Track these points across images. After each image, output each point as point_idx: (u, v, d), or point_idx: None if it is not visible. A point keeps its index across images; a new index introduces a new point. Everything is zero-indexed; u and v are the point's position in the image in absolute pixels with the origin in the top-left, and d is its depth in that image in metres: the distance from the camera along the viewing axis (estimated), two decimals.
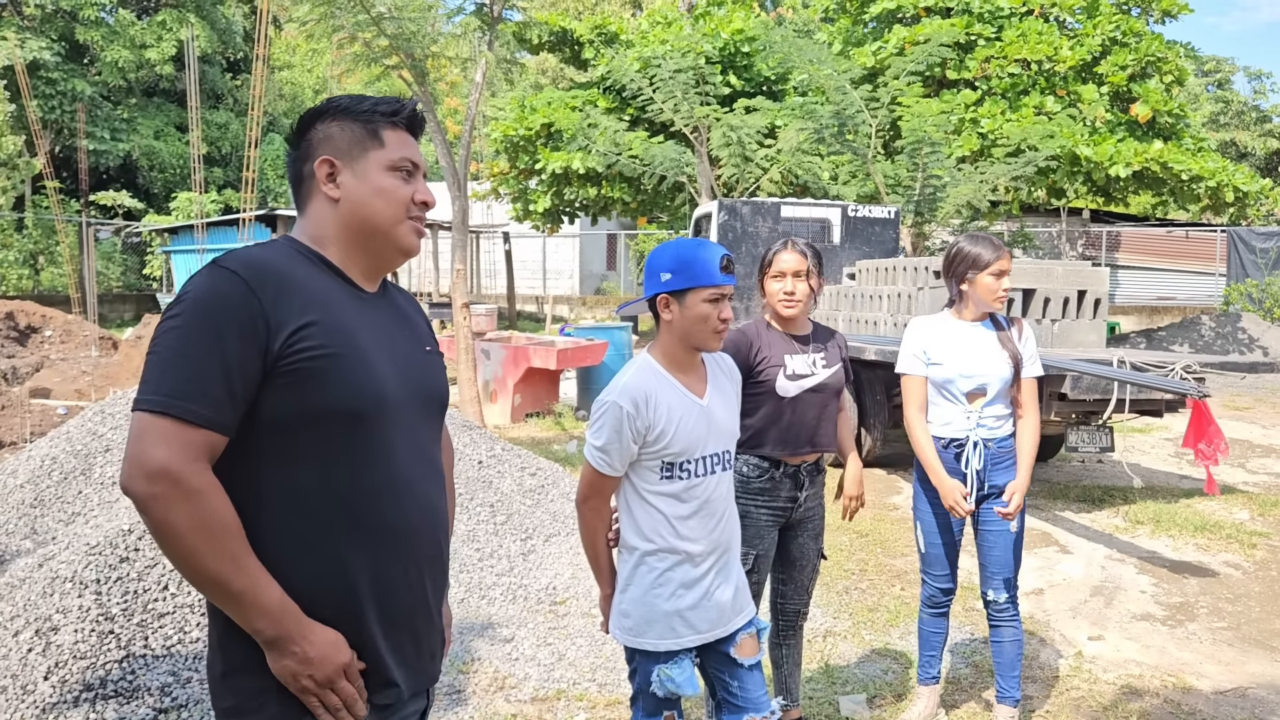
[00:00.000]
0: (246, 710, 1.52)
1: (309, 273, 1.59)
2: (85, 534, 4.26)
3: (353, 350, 1.55)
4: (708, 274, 2.32)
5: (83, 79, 27.83)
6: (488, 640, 4.30)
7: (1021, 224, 22.49)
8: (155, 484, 1.40)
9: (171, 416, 1.42)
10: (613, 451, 2.34)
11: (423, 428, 1.69)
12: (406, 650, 1.64)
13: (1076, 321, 7.95)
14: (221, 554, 1.43)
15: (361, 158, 1.64)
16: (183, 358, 1.44)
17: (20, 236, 24.50)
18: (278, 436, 1.51)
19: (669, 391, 2.39)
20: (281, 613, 1.47)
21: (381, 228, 1.65)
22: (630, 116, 18.10)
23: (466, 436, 6.45)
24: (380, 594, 1.59)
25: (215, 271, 1.50)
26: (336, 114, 1.66)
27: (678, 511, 2.38)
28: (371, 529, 1.57)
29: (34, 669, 3.56)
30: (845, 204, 12.03)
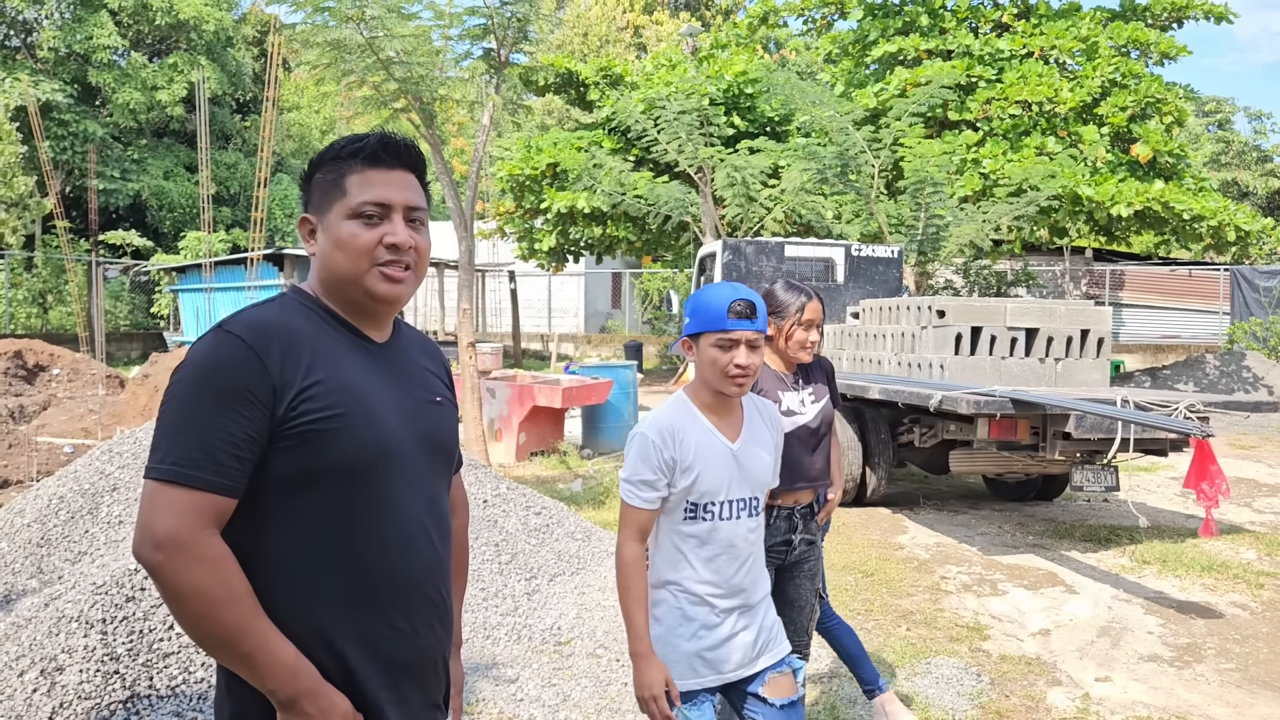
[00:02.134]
0: None
1: (315, 327, 1.61)
2: (92, 573, 4.27)
3: (358, 407, 1.56)
4: (715, 319, 2.33)
5: (94, 120, 28.19)
6: (492, 681, 4.28)
7: (1025, 263, 22.60)
8: (162, 551, 1.43)
9: (179, 484, 1.45)
10: (639, 482, 2.34)
11: (429, 477, 1.70)
12: (412, 702, 1.65)
13: (1080, 360, 7.97)
14: (230, 617, 1.44)
15: (329, 211, 1.64)
16: (190, 424, 1.47)
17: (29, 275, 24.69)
18: (282, 495, 1.53)
19: (698, 430, 2.39)
20: (295, 673, 1.48)
21: (348, 279, 1.63)
22: (635, 157, 18.29)
23: (471, 475, 6.46)
24: (385, 648, 1.59)
25: (221, 336, 1.52)
26: (320, 164, 1.67)
27: (701, 553, 2.38)
28: (376, 580, 1.58)
29: (39, 709, 3.55)
30: (849, 243, 12.11)
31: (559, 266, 21.69)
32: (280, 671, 1.47)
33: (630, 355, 22.39)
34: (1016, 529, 7.68)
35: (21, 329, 23.03)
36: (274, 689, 1.47)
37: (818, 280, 11.85)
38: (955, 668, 4.65)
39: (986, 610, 5.62)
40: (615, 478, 9.03)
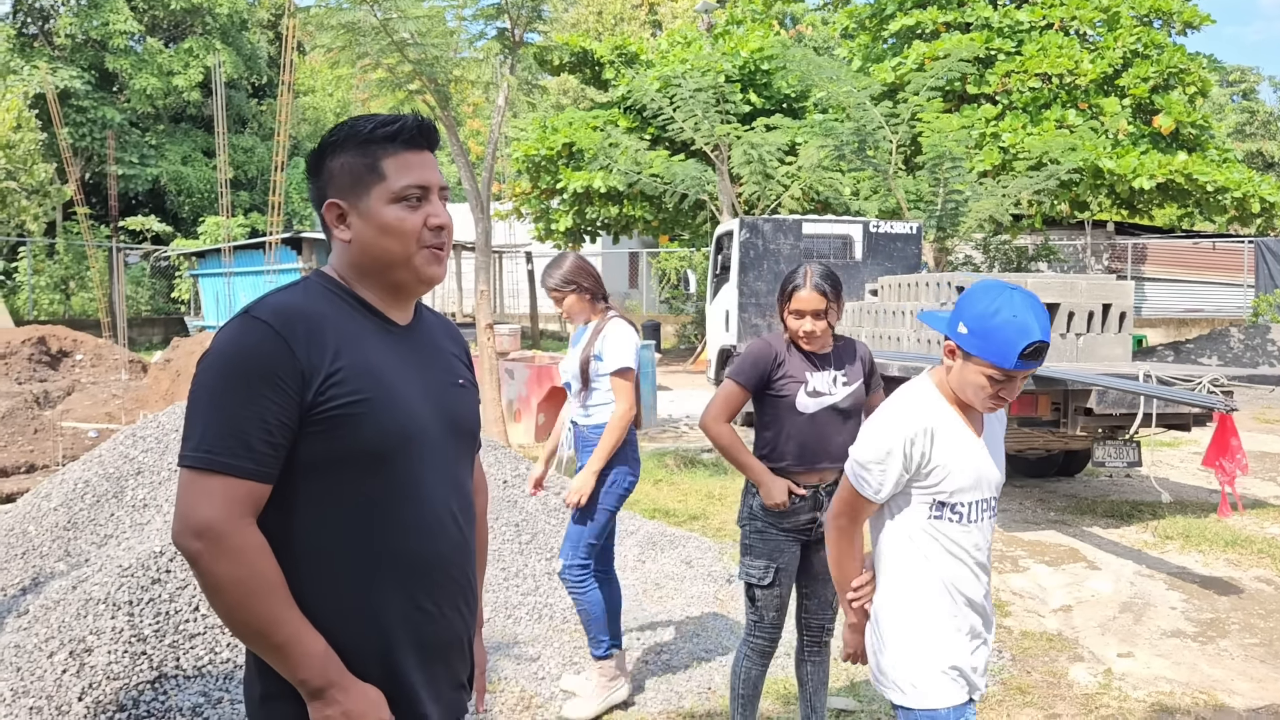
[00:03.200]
0: None
1: (339, 312, 1.60)
2: (118, 556, 4.32)
3: (383, 391, 1.56)
4: (1002, 356, 2.08)
5: (112, 106, 28.32)
6: (513, 660, 4.31)
7: (1045, 238, 22.40)
8: (201, 540, 1.44)
9: (215, 472, 1.45)
10: (874, 474, 2.19)
11: (454, 460, 1.70)
12: (440, 683, 1.66)
13: (1102, 335, 7.90)
14: (265, 608, 1.46)
15: (365, 195, 1.61)
16: (221, 411, 1.47)
17: (51, 262, 24.89)
18: (311, 480, 1.54)
19: (951, 425, 2.22)
20: (325, 664, 1.49)
21: (396, 263, 1.62)
22: (651, 136, 18.21)
23: (491, 456, 6.48)
24: (413, 628, 1.60)
25: (247, 321, 1.52)
26: (338, 147, 1.63)
27: (946, 556, 2.21)
28: (403, 564, 1.59)
29: (68, 690, 3.61)
30: (867, 220, 12.04)
31: (576, 246, 21.67)
32: (311, 662, 1.48)
33: (648, 335, 22.37)
34: (1037, 505, 7.65)
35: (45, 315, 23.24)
36: (304, 679, 1.49)
37: (835, 257, 11.80)
38: None
39: (1007, 587, 5.61)
40: None
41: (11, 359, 13.74)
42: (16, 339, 14.29)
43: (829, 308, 3.18)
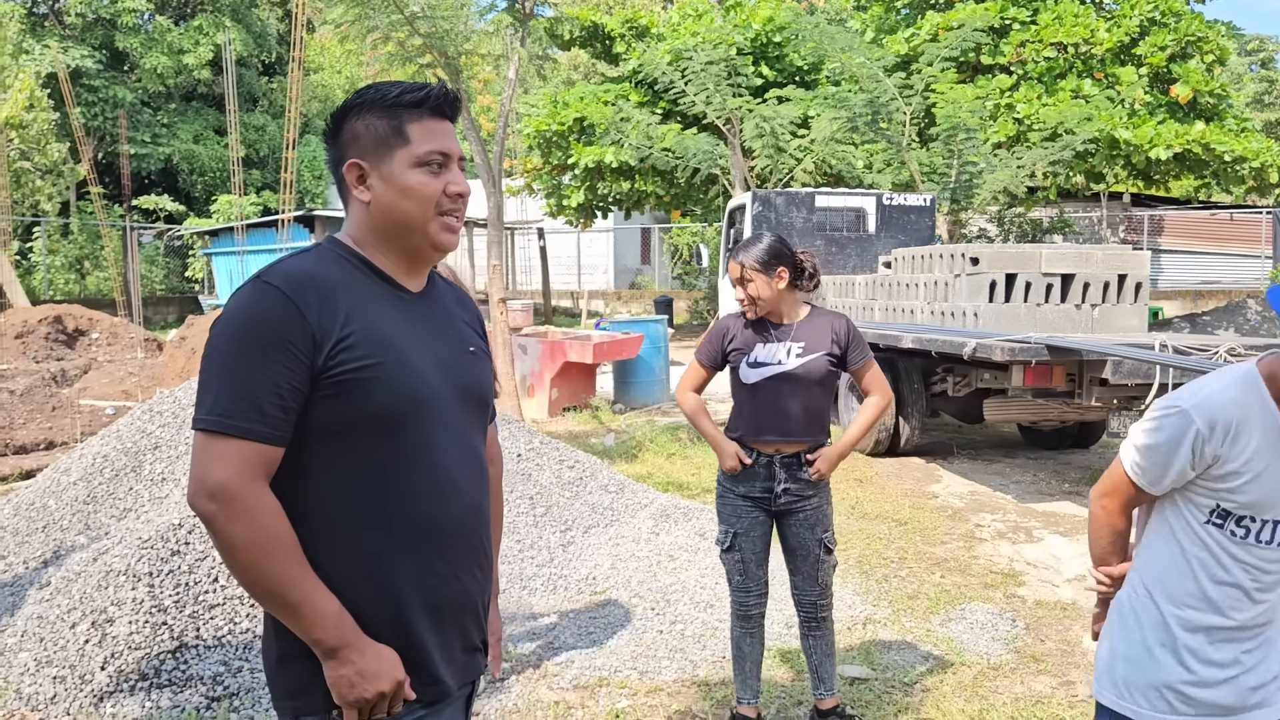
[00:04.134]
0: (303, 692, 1.57)
1: (351, 278, 1.61)
2: (137, 529, 4.37)
3: (394, 357, 1.57)
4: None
5: (123, 85, 28.31)
6: (529, 631, 4.35)
7: (1060, 210, 22.21)
8: (215, 502, 1.45)
9: (228, 435, 1.47)
10: (1153, 462, 1.89)
11: (467, 426, 1.71)
12: (454, 646, 1.67)
13: (1117, 306, 7.86)
14: (278, 568, 1.47)
15: (388, 157, 1.61)
16: (234, 375, 1.48)
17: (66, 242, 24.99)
18: (323, 444, 1.55)
19: (1265, 427, 1.84)
20: (339, 624, 1.51)
21: (413, 227, 1.64)
22: (663, 110, 18.10)
23: (505, 430, 6.51)
24: (426, 591, 1.62)
25: (259, 286, 1.53)
26: (362, 109, 1.64)
27: (1217, 571, 1.89)
28: (415, 527, 1.60)
29: (91, 659, 3.66)
30: (880, 193, 11.98)
31: (588, 222, 21.63)
32: (325, 623, 1.50)
33: (661, 310, 22.36)
34: (1052, 477, 7.64)
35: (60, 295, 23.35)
36: (319, 639, 1.50)
37: (848, 230, 11.76)
38: (989, 613, 4.66)
39: (1021, 557, 5.61)
40: (647, 432, 9.07)
41: (29, 338, 13.84)
42: (33, 318, 14.40)
43: (746, 274, 3.23)
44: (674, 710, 3.65)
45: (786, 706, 3.69)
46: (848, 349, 3.28)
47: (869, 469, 7.89)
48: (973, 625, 4.51)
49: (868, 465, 8.03)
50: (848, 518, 6.38)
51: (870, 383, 3.35)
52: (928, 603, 4.82)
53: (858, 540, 5.85)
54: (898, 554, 5.63)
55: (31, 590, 4.35)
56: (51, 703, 3.54)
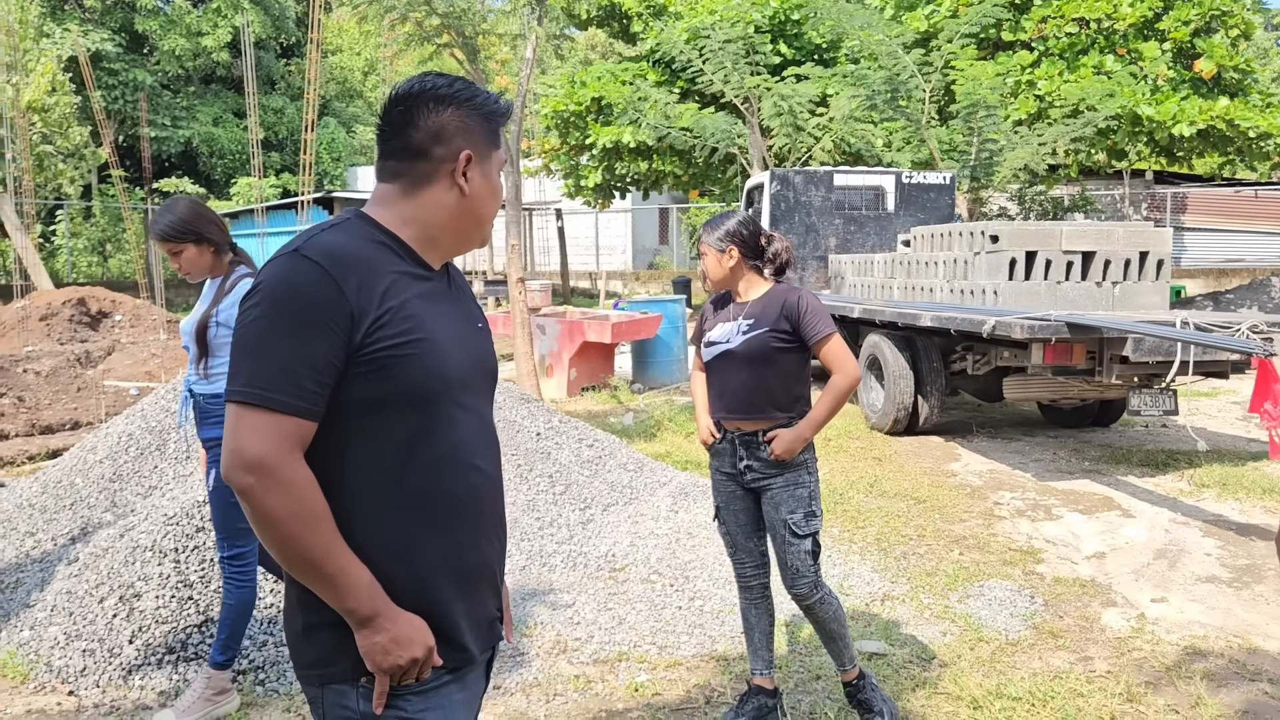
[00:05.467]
0: (330, 660, 1.59)
1: (383, 257, 1.62)
2: (162, 506, 4.43)
3: (427, 335, 1.60)
4: None
5: (143, 69, 28.44)
6: (549, 605, 4.39)
7: (1082, 188, 22.01)
8: (253, 474, 1.47)
9: (265, 408, 1.48)
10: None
11: (481, 400, 1.75)
12: (477, 614, 1.71)
13: (1139, 283, 7.81)
14: (315, 539, 1.50)
15: (488, 157, 1.71)
16: (270, 348, 1.50)
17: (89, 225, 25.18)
18: (356, 418, 1.57)
19: None
20: (372, 594, 1.54)
21: (484, 222, 1.75)
22: (680, 89, 18.03)
23: (524, 409, 6.55)
24: (452, 562, 1.65)
25: (298, 261, 1.53)
26: (466, 105, 1.67)
27: None
28: (442, 501, 1.63)
29: (119, 633, 3.72)
30: (899, 171, 11.90)
31: (605, 203, 21.59)
32: (359, 592, 1.53)
33: (679, 291, 22.33)
34: (1072, 455, 7.61)
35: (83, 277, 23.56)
36: (353, 608, 1.53)
37: (868, 209, 11.71)
38: (1008, 590, 4.66)
39: (1040, 534, 5.61)
40: (665, 412, 9.09)
41: (53, 320, 13.98)
42: (57, 300, 14.53)
43: (702, 248, 3.31)
44: (693, 684, 3.69)
45: (805, 680, 3.72)
46: (799, 323, 3.16)
47: (888, 447, 7.89)
48: (991, 602, 4.52)
49: (886, 444, 8.03)
50: (866, 495, 6.38)
51: (828, 358, 3.19)
52: (946, 579, 4.82)
53: (876, 518, 5.86)
54: (916, 531, 5.64)
55: (60, 566, 4.42)
56: (81, 675, 3.61)
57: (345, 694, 1.59)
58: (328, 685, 1.60)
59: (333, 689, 1.60)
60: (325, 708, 1.61)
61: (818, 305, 3.21)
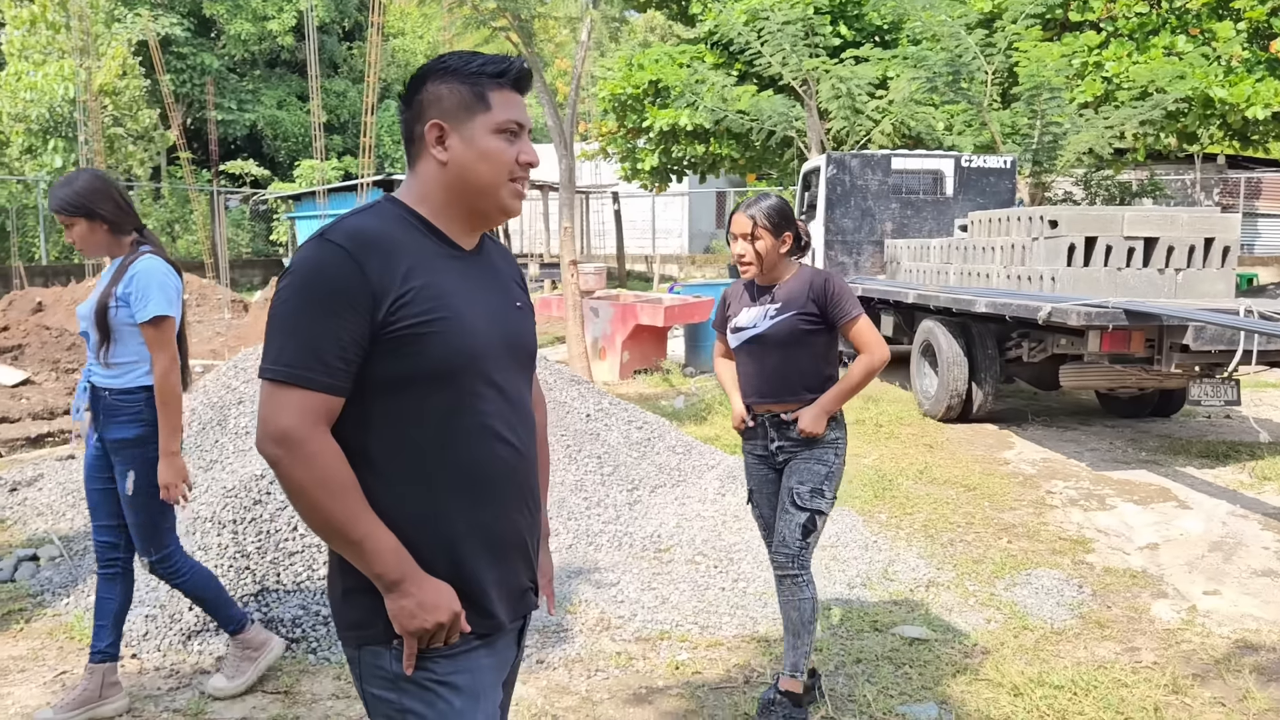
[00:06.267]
0: (367, 623, 1.66)
1: (409, 236, 1.68)
2: (222, 479, 4.57)
3: (450, 313, 1.64)
4: None
5: (210, 53, 29.04)
6: (594, 584, 4.45)
7: (1151, 172, 21.47)
8: (281, 446, 1.55)
9: (293, 385, 1.56)
10: None
11: (513, 377, 1.78)
12: (507, 583, 1.76)
13: (1203, 271, 7.61)
14: (341, 507, 1.57)
15: (469, 121, 1.68)
16: (298, 328, 1.57)
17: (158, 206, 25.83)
18: (383, 394, 1.63)
19: None
20: (399, 559, 1.60)
21: (485, 190, 1.71)
22: (739, 71, 17.91)
23: (575, 390, 6.62)
24: (480, 532, 1.70)
25: (323, 245, 1.60)
26: (445, 74, 1.70)
27: None
28: (468, 473, 1.69)
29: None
30: (959, 155, 11.73)
31: (662, 186, 21.57)
32: (386, 558, 1.59)
33: (734, 275, 22.25)
34: (1129, 445, 7.48)
35: None
36: (380, 573, 1.60)
37: (925, 193, 11.56)
38: (1056, 579, 4.62)
39: (1092, 524, 5.53)
40: (717, 395, 9.11)
41: None
42: None
43: (757, 231, 3.21)
44: (733, 664, 3.72)
45: (845, 663, 3.73)
46: (826, 305, 3.19)
47: (940, 434, 7.82)
48: (1038, 590, 4.49)
49: (939, 431, 7.96)
50: (915, 482, 6.35)
51: (857, 339, 3.23)
52: (993, 567, 4.79)
53: (925, 504, 5.83)
54: (965, 519, 5.60)
55: None
56: (144, 639, 3.76)
57: (380, 655, 1.65)
58: (364, 647, 1.67)
59: (369, 650, 1.66)
60: (362, 668, 1.68)
61: (844, 287, 3.24)
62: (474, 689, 1.68)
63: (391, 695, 1.65)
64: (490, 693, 1.72)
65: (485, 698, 1.70)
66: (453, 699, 1.65)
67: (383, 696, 1.66)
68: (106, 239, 3.21)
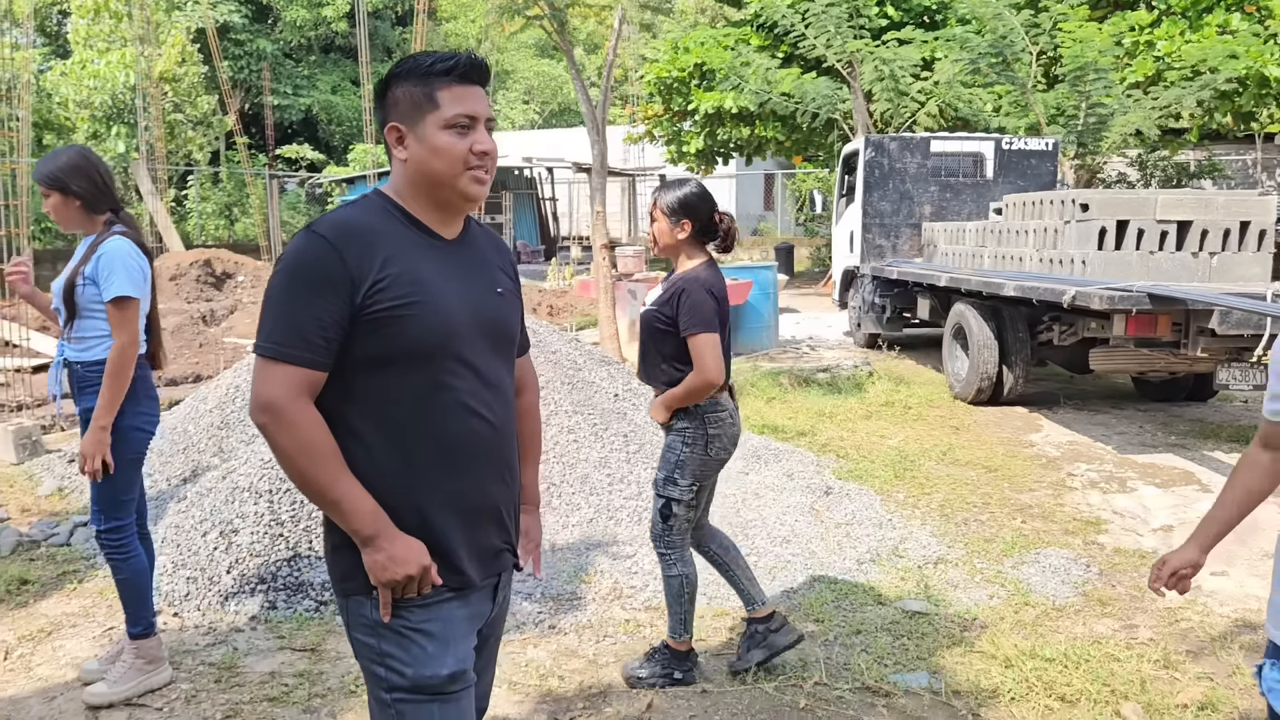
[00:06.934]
0: (350, 576, 1.86)
1: (390, 227, 1.85)
2: (261, 451, 4.82)
3: (425, 297, 1.81)
4: None
5: (266, 39, 29.59)
6: (610, 556, 4.64)
7: (1209, 153, 21.01)
8: (267, 414, 1.75)
9: (280, 360, 1.75)
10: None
11: (490, 360, 1.94)
12: (479, 545, 1.94)
13: (1239, 254, 7.56)
14: (320, 470, 1.76)
15: (421, 121, 1.84)
16: (285, 310, 1.76)
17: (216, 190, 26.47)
18: (364, 372, 1.81)
19: None
20: (374, 518, 1.79)
21: (443, 182, 1.85)
22: (784, 53, 17.89)
23: (604, 371, 6.79)
24: (451, 498, 1.88)
25: (309, 236, 1.79)
26: (401, 77, 1.86)
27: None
28: (443, 445, 1.87)
29: (218, 564, 4.13)
30: (999, 136, 11.68)
31: (708, 169, 21.62)
32: (362, 517, 1.78)
33: (781, 258, 22.25)
34: (1159, 429, 7.47)
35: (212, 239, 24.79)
36: (357, 529, 1.79)
37: (965, 176, 11.53)
38: (1064, 558, 4.70)
39: (1109, 506, 5.59)
40: (750, 377, 9.23)
41: (181, 280, 14.85)
42: (185, 261, 15.42)
43: (654, 214, 3.35)
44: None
45: (844, 634, 3.88)
46: (677, 313, 3.25)
47: (968, 416, 7.88)
48: (1044, 569, 4.58)
49: (967, 413, 8.01)
50: (937, 463, 6.44)
51: (692, 354, 3.24)
52: (1003, 546, 4.89)
53: (943, 485, 5.92)
54: (982, 499, 5.69)
55: (171, 504, 4.88)
56: (185, 599, 4.03)
57: (362, 604, 1.85)
58: (350, 596, 1.87)
59: (354, 599, 1.86)
60: (348, 615, 1.88)
61: (698, 303, 3.21)
62: (445, 636, 1.87)
63: (372, 640, 1.85)
64: (462, 640, 1.91)
65: (456, 644, 1.88)
66: (425, 644, 1.84)
67: (365, 641, 1.86)
68: (79, 215, 3.31)
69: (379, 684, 1.86)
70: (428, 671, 1.83)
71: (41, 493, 5.66)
